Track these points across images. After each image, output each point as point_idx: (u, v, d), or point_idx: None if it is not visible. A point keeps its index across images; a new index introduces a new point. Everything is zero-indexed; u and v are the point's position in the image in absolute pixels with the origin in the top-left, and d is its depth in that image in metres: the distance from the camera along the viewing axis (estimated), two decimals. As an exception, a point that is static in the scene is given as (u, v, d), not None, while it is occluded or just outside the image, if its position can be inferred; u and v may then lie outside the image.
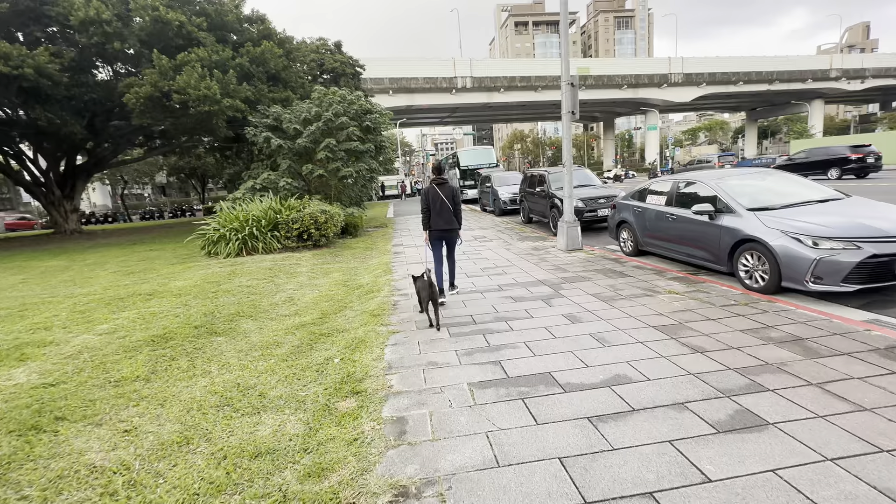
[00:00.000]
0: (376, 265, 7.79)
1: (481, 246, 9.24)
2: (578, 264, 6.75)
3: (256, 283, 6.59)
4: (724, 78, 50.11)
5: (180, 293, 6.01)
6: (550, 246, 8.65)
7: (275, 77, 17.33)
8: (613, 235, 7.95)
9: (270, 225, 9.71)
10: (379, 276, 6.89)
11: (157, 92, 11.99)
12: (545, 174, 11.40)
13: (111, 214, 40.05)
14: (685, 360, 3.11)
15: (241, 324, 4.71)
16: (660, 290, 4.99)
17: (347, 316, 4.89)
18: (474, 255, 8.19)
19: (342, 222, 11.31)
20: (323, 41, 29.31)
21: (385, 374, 3.22)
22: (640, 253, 7.28)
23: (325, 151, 12.58)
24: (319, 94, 13.95)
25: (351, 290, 6.13)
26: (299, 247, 9.75)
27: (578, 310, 4.47)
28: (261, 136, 12.71)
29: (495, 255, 8.01)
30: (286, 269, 7.59)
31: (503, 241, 9.77)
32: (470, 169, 24.04)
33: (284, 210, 10.13)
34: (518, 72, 44.74)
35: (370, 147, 13.44)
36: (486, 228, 12.10)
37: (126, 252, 12.12)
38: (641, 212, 7.01)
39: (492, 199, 16.62)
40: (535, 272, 6.39)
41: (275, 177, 12.50)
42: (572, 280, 5.75)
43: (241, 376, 3.38)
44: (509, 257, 7.75)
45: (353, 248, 9.99)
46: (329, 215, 9.88)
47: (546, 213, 11.15)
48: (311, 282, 6.79)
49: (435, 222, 4.95)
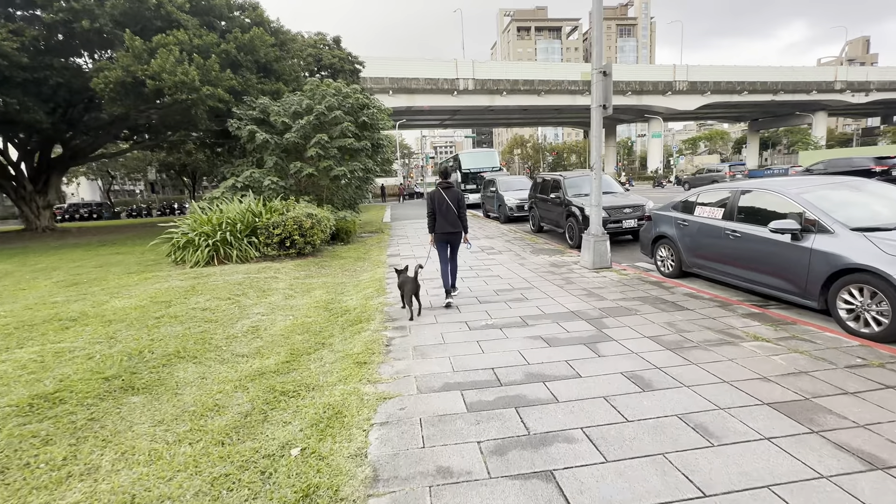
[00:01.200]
0: (368, 282, 6.54)
1: (490, 259, 8.02)
2: (614, 288, 5.53)
3: (217, 304, 5.32)
4: (728, 87, 49.52)
5: (113, 318, 4.73)
6: (572, 262, 7.44)
7: (266, 68, 16.11)
8: (648, 252, 6.76)
9: (248, 230, 8.44)
10: (370, 296, 5.65)
11: (128, 77, 10.71)
12: (560, 179, 10.21)
13: (96, 210, 38.48)
14: (866, 487, 1.89)
15: (176, 371, 3.45)
16: (739, 333, 3.78)
17: (324, 360, 3.64)
18: (484, 272, 6.96)
19: (332, 227, 10.06)
20: (321, 36, 28.17)
21: (367, 496, 1.97)
22: (683, 274, 6.09)
23: (316, 148, 11.34)
24: (312, 86, 12.73)
25: (333, 317, 4.88)
26: (281, 255, 8.48)
27: (641, 364, 3.24)
28: (245, 129, 11.45)
29: (509, 273, 6.79)
30: (259, 285, 6.32)
31: (514, 253, 8.55)
32: (472, 172, 22.86)
33: (265, 213, 8.87)
34: (521, 75, 43.83)
35: (366, 145, 12.23)
36: (492, 238, 10.88)
37: (87, 255, 10.79)
38: (688, 226, 5.82)
39: (496, 204, 15.42)
40: (564, 298, 5.16)
41: (259, 175, 11.23)
42: (614, 312, 4.53)
43: (143, 480, 2.13)
44: (526, 275, 6.53)
45: (343, 258, 8.73)
46: (316, 220, 8.63)
47: (561, 222, 9.96)
48: (287, 302, 5.53)
49: (440, 225, 5.02)
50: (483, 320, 4.52)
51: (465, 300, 5.33)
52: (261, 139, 11.27)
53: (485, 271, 7.00)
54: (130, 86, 11.05)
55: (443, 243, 5.12)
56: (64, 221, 35.80)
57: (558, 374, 3.13)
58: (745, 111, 59.40)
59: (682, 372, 3.07)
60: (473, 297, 5.49)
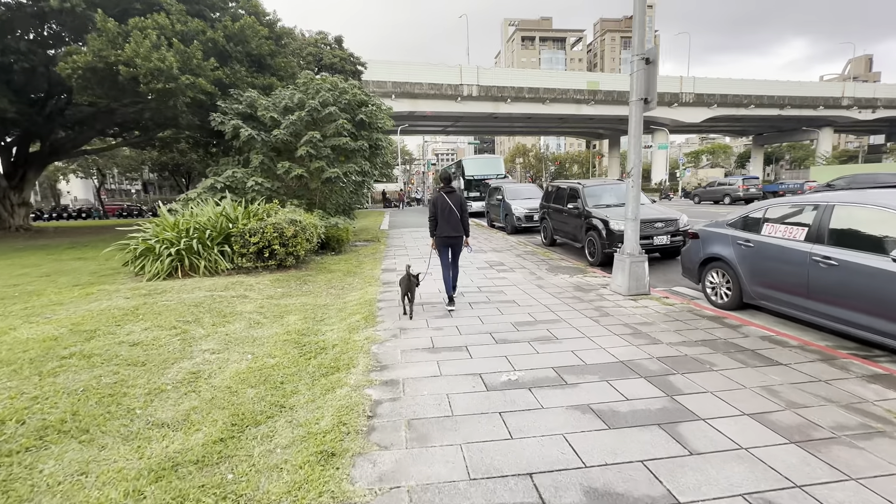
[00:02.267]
0: (355, 304, 5.37)
1: (501, 278, 6.85)
2: (664, 325, 4.37)
3: (157, 335, 4.13)
4: (735, 100, 48.99)
5: (6, 358, 3.53)
6: (599, 285, 6.27)
7: (260, 63, 15.07)
8: (693, 277, 5.62)
9: (220, 237, 7.27)
10: (355, 327, 4.47)
11: (100, 63, 9.61)
12: (579, 188, 9.10)
13: (85, 210, 37.27)
14: None
15: (45, 459, 2.26)
16: (881, 413, 2.61)
17: (275, 440, 2.46)
18: (496, 295, 5.79)
19: (321, 236, 8.91)
20: (322, 35, 27.32)
21: None
22: (741, 306, 4.94)
23: (307, 147, 10.23)
24: (305, 80, 11.67)
25: (305, 359, 3.71)
26: (258, 267, 7.30)
27: (764, 475, 2.06)
28: (229, 124, 10.34)
29: (526, 298, 5.62)
30: (222, 307, 5.14)
31: (529, 271, 7.39)
32: (475, 179, 21.81)
33: (242, 217, 7.71)
34: (526, 82, 43.16)
35: (363, 145, 11.12)
36: (501, 251, 9.72)
37: (44, 260, 9.58)
38: (753, 248, 4.68)
39: (503, 213, 14.30)
40: (605, 339, 4.00)
41: (242, 175, 10.10)
42: (681, 365, 3.37)
43: None
44: (548, 302, 5.36)
45: (331, 272, 7.56)
46: (300, 227, 7.47)
47: (579, 235, 8.82)
48: (250, 333, 4.35)
49: (442, 229, 5.00)
50: (503, 371, 3.34)
51: (477, 336, 4.16)
52: (245, 135, 10.15)
53: (497, 294, 5.83)
54: (103, 73, 9.95)
55: (444, 247, 5.09)
56: (52, 220, 34.61)
57: (639, 496, 1.95)
58: (750, 125, 58.86)
59: (845, 498, 1.89)
60: (486, 331, 4.32)
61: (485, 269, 7.66)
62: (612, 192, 9.06)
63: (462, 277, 6.96)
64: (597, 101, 44.96)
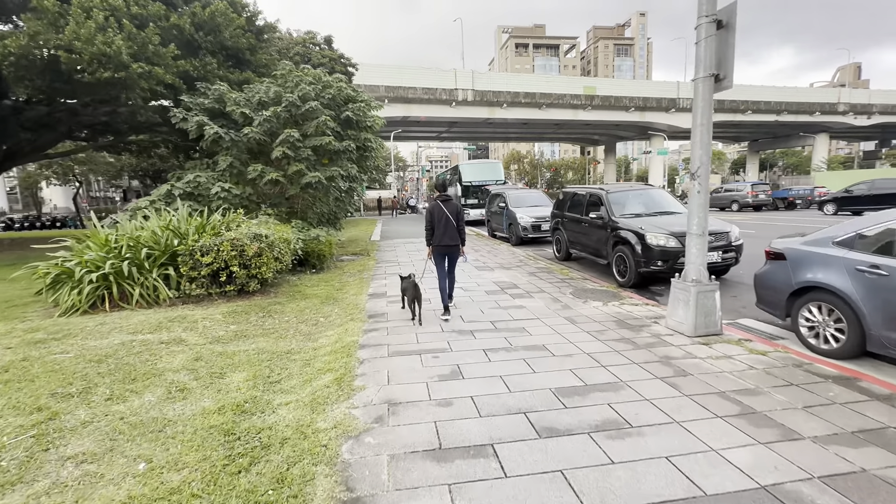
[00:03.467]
0: (329, 353, 3.90)
1: (518, 308, 5.42)
2: (780, 397, 2.96)
3: (2, 426, 2.63)
4: (732, 106, 48.54)
5: None
6: (648, 317, 4.87)
7: (238, 58, 13.66)
8: (777, 310, 4.24)
9: (164, 256, 5.77)
10: (323, 399, 3.02)
11: (36, 48, 8.12)
12: (602, 194, 7.74)
13: (61, 219, 35.29)
14: None
15: None
16: None
17: None
18: (517, 335, 4.35)
19: (297, 251, 7.44)
20: (311, 34, 26.07)
21: None
22: (862, 353, 3.58)
23: (283, 147, 8.79)
24: (283, 71, 10.26)
25: (230, 474, 2.23)
26: (213, 295, 5.81)
27: None
28: (192, 120, 8.86)
29: (560, 340, 4.19)
30: (136, 363, 3.64)
31: (550, 297, 5.97)
32: (473, 185, 20.48)
33: (196, 232, 6.22)
34: (522, 87, 42.29)
35: (349, 146, 9.70)
36: (509, 268, 8.30)
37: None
38: (889, 279, 3.31)
39: (506, 223, 12.94)
40: (705, 429, 2.57)
41: (206, 179, 8.61)
42: (859, 496, 1.96)
43: None
44: (592, 349, 3.94)
45: (306, 297, 6.08)
46: (267, 243, 5.99)
47: (603, 250, 7.45)
48: (162, 412, 2.87)
49: (439, 238, 4.97)
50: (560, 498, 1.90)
51: (505, 421, 2.71)
52: (211, 133, 8.68)
53: (519, 335, 4.39)
54: (42, 61, 8.45)
55: (441, 256, 5.08)
56: (22, 230, 32.67)
57: None
58: (745, 131, 58.60)
59: None
60: (517, 407, 2.87)
61: (495, 293, 6.23)
62: (640, 198, 7.73)
63: (470, 305, 5.54)
64: (593, 106, 44.20)
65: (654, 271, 6.29)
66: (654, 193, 7.91)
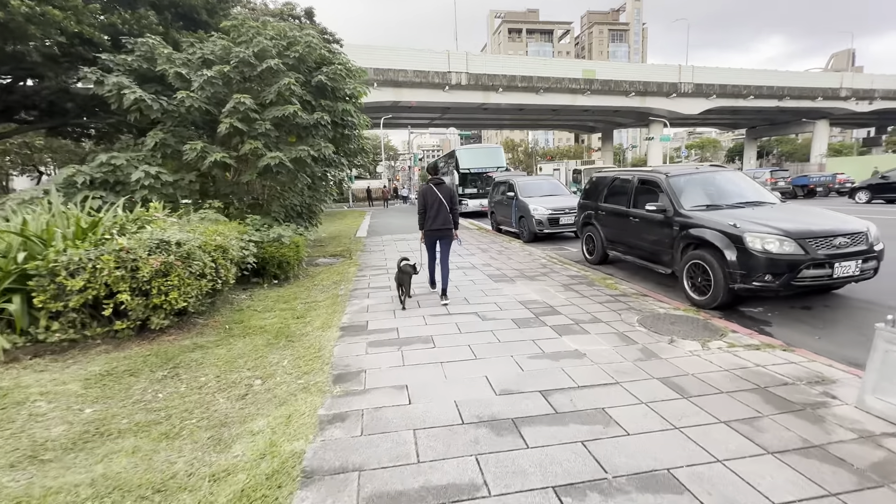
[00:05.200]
0: (250, 487, 1.86)
1: (574, 358, 3.44)
2: None
3: None
4: (734, 91, 47.00)
5: None
6: (802, 381, 2.91)
7: (191, 19, 11.34)
8: None
9: (8, 279, 3.63)
10: None
11: None
12: (661, 178, 5.72)
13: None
14: None
15: None
16: None
17: None
18: (599, 436, 2.37)
19: (246, 261, 5.33)
20: (290, 5, 23.32)
21: None
22: None
23: (233, 119, 6.61)
24: (235, 23, 8.00)
25: None
26: (92, 337, 3.71)
27: None
28: (109, 82, 6.60)
29: (682, 444, 2.22)
30: None
31: (616, 334, 3.98)
32: (472, 173, 18.38)
33: (74, 237, 4.09)
34: (519, 70, 40.03)
35: (323, 119, 7.51)
36: (534, 278, 6.29)
37: None
38: None
39: (515, 215, 10.92)
40: None
41: (126, 162, 6.39)
42: None
43: None
44: (755, 475, 1.98)
45: (248, 335, 4.02)
46: (182, 253, 3.88)
47: (665, 255, 5.47)
48: None
49: (431, 222, 4.93)
50: None
51: None
52: (132, 100, 6.43)
53: (601, 433, 2.39)
54: None
55: (433, 240, 5.06)
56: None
57: None
58: (745, 117, 57.15)
59: None
60: None
61: (530, 324, 4.22)
62: (715, 184, 5.74)
63: (497, 350, 3.48)
64: (593, 90, 42.18)
65: (757, 289, 4.34)
66: (734, 177, 5.92)
